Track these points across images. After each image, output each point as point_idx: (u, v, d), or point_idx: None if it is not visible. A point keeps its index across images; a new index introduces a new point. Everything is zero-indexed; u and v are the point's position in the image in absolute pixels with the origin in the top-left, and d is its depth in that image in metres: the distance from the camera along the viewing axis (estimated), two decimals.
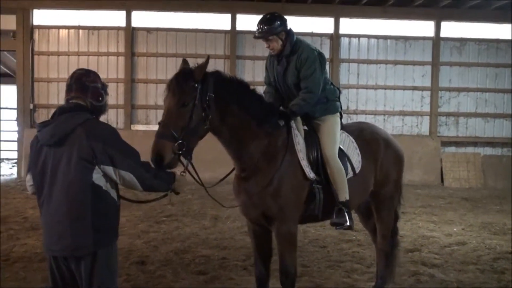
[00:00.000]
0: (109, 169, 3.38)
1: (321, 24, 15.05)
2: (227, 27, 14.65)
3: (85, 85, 3.54)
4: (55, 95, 14.39)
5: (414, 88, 15.41)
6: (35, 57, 14.50)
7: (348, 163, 4.89)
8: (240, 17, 14.67)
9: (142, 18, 14.58)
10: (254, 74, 14.79)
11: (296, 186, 4.55)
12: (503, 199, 12.54)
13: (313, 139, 4.76)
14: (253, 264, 6.42)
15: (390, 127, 15.17)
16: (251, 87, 4.57)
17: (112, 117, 14.33)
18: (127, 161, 3.41)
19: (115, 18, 14.54)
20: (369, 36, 15.23)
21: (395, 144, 5.53)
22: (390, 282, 5.53)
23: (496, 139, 15.63)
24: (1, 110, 18.50)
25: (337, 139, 4.86)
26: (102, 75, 9.50)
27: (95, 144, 3.34)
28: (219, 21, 14.72)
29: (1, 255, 6.69)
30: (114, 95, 14.24)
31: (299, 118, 4.79)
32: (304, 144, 4.66)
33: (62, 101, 12.29)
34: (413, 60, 15.36)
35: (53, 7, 14.44)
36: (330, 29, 15.02)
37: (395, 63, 15.31)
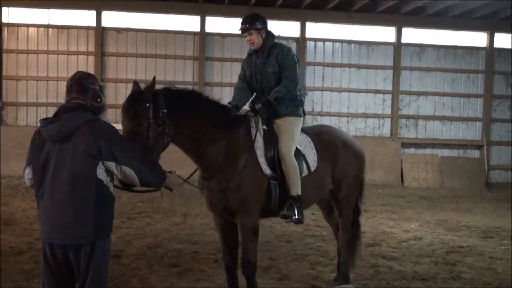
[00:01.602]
0: (112, 165, 3.65)
1: (288, 28, 15.51)
2: (197, 28, 14.93)
3: (86, 87, 3.76)
4: (24, 93, 14.43)
5: (376, 92, 16.04)
6: (4, 54, 14.50)
7: (303, 162, 5.23)
8: (209, 19, 14.98)
9: (112, 18, 14.75)
10: (223, 75, 15.16)
11: (256, 181, 4.91)
12: (459, 198, 13.26)
13: (272, 137, 5.11)
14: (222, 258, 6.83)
15: (353, 128, 15.77)
16: (204, 95, 4.94)
17: None
18: (128, 157, 3.69)
19: (85, 17, 14.65)
20: (334, 41, 15.77)
21: (354, 145, 5.86)
22: (351, 270, 5.96)
23: (453, 141, 16.41)
24: None
25: (294, 139, 5.21)
26: (72, 74, 9.87)
27: (100, 141, 3.59)
28: (189, 22, 14.99)
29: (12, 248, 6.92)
30: None
31: (259, 118, 5.12)
32: (263, 143, 5.03)
33: (30, 99, 12.52)
34: (375, 64, 16.00)
35: (22, 5, 14.48)
36: (296, 33, 15.50)
37: (359, 67, 15.91)
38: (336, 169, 5.58)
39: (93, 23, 14.58)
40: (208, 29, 15.01)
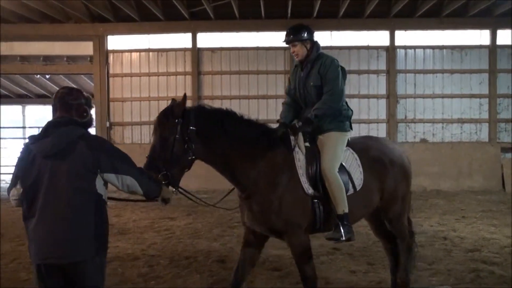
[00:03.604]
0: (112, 176, 3.55)
1: (377, 37, 15.55)
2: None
3: (68, 103, 3.63)
4: (129, 113, 15.54)
5: (472, 96, 15.62)
6: (110, 79, 15.73)
7: (349, 180, 4.95)
8: None
9: (207, 39, 15.54)
10: None
11: (298, 201, 4.72)
12: None
13: (314, 155, 4.87)
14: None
15: (448, 134, 15.46)
16: (239, 114, 4.79)
17: None
18: (126, 167, 3.61)
19: (182, 40, 15.56)
20: (425, 47, 15.58)
21: (401, 161, 5.52)
22: (410, 274, 5.77)
23: None
24: None
25: (337, 155, 4.93)
26: (171, 93, 10.68)
27: (99, 154, 3.50)
28: (279, 39, 15.42)
29: None
30: None
31: (301, 135, 4.92)
32: (305, 161, 4.81)
33: (134, 119, 13.45)
34: (470, 68, 15.58)
35: (125, 33, 15.63)
36: (386, 42, 15.49)
37: (452, 72, 15.59)
38: (384, 187, 5.28)
39: (189, 45, 15.46)
40: None
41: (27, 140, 3.61)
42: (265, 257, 7.39)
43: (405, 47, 15.58)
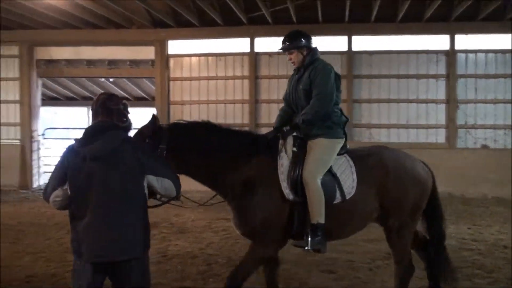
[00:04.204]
0: (152, 178, 3.78)
1: (436, 41, 15.26)
2: (344, 48, 15.36)
3: (110, 108, 3.84)
4: (188, 116, 15.93)
5: None
6: (171, 82, 16.18)
7: (337, 188, 4.86)
8: (355, 38, 15.34)
9: (264, 44, 15.72)
10: (371, 92, 15.34)
11: (272, 207, 4.72)
12: None
13: (300, 160, 4.84)
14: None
15: (510, 141, 14.97)
16: (217, 125, 4.90)
17: None
18: (165, 170, 3.88)
19: (240, 45, 15.83)
20: (487, 51, 15.14)
21: (411, 170, 5.21)
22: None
23: None
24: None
25: (321, 162, 4.84)
26: (229, 97, 10.93)
27: (143, 157, 3.75)
28: (336, 43, 15.46)
29: (160, 252, 7.96)
30: (240, 114, 15.62)
31: (290, 140, 4.93)
32: (288, 166, 4.80)
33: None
34: None
35: (185, 38, 16.04)
36: (445, 46, 15.20)
37: None
38: (384, 195, 5.06)
39: (247, 49, 15.70)
40: (355, 47, 15.37)
41: (72, 144, 3.79)
42: (320, 260, 7.49)
43: (466, 51, 15.19)
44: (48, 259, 7.65)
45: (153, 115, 4.66)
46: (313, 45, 5.22)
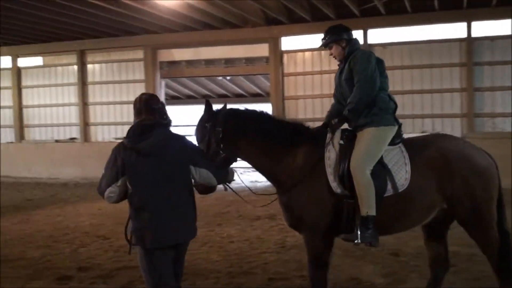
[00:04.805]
0: (192, 169, 4.20)
1: None
2: (463, 35, 14.74)
3: (152, 107, 4.16)
4: (303, 110, 16.22)
5: None
6: (285, 78, 16.54)
7: (388, 180, 4.70)
8: (475, 24, 14.68)
9: (378, 35, 15.57)
10: (493, 79, 14.62)
11: (318, 200, 4.69)
12: None
13: (347, 152, 4.72)
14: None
15: None
16: (267, 114, 4.98)
17: None
18: (204, 161, 4.28)
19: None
20: None
21: (472, 159, 4.90)
22: None
23: None
24: None
25: (370, 153, 4.70)
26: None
27: (186, 150, 4.21)
28: (454, 30, 14.91)
29: (278, 243, 8.31)
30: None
31: (338, 132, 4.84)
32: (336, 159, 4.71)
33: (309, 115, 13.79)
34: None
35: (298, 33, 16.30)
36: None
37: None
38: (445, 187, 4.80)
39: (360, 42, 15.52)
40: (474, 33, 14.71)
41: (121, 142, 4.17)
42: None
43: None
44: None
45: (206, 101, 4.92)
46: (352, 37, 5.16)
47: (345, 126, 4.98)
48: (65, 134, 19.04)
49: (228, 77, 21.15)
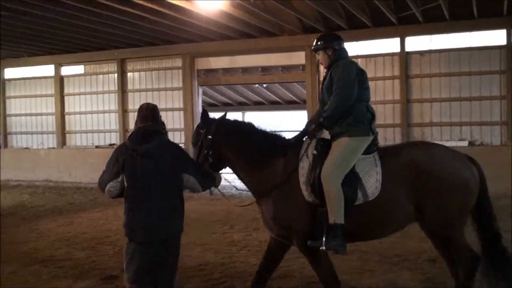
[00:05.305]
0: (183, 175, 4.62)
1: None
2: (503, 42, 14.54)
3: (156, 116, 4.72)
4: None
5: None
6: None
7: (359, 189, 4.79)
8: None
9: (415, 43, 15.49)
10: None
11: (296, 208, 4.90)
12: None
13: (319, 162, 4.87)
14: None
15: None
16: (253, 125, 5.32)
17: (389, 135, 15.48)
18: (193, 169, 4.67)
19: (389, 45, 15.75)
20: None
21: (449, 169, 4.93)
22: None
23: None
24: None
25: (341, 162, 4.79)
26: (379, 98, 11.09)
27: (181, 157, 4.67)
28: (494, 37, 14.71)
29: None
30: (391, 115, 15.53)
31: (313, 142, 4.99)
32: (309, 168, 4.89)
33: None
34: None
35: None
36: None
37: None
38: (417, 197, 4.87)
39: (397, 49, 15.57)
40: None
41: (124, 142, 4.70)
42: None
43: None
44: (217, 250, 8.44)
45: (203, 109, 5.45)
46: (341, 46, 5.27)
47: (326, 134, 5.19)
48: (105, 140, 19.51)
49: (264, 85, 21.33)
